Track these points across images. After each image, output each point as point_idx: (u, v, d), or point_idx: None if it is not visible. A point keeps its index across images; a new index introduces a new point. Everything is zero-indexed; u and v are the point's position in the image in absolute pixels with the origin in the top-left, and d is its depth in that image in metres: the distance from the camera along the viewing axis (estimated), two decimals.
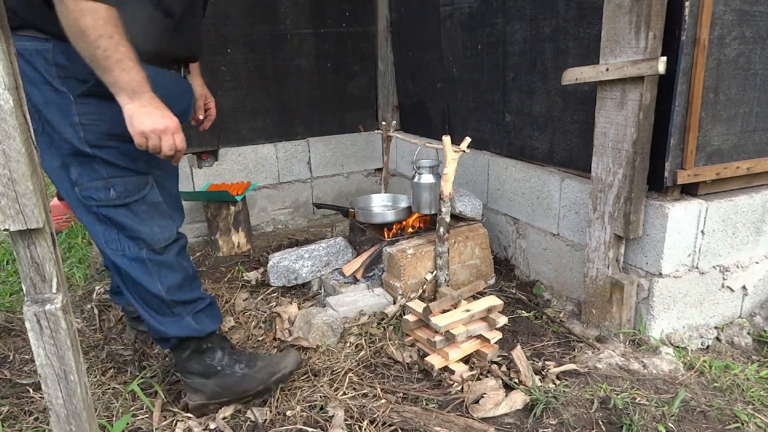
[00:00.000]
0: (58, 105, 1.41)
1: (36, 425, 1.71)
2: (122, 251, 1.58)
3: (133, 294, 1.64)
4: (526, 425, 1.68)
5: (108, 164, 1.50)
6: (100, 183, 1.50)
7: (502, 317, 2.00)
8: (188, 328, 1.66)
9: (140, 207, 1.57)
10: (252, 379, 1.74)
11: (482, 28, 2.75)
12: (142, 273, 1.60)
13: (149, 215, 1.59)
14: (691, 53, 1.83)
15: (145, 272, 1.60)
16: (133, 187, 1.55)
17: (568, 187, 2.36)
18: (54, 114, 1.42)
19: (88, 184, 1.49)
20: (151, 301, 1.63)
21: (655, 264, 2.00)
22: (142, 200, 1.57)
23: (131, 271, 1.59)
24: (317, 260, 2.60)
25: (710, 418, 1.69)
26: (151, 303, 1.63)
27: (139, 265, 1.59)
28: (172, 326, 1.65)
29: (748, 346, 2.11)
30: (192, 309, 1.68)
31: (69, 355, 1.01)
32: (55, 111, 1.42)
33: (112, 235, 1.56)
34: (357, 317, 2.29)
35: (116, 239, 1.57)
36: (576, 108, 2.27)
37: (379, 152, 3.94)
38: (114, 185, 1.51)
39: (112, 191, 1.51)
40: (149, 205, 1.59)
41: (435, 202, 2.51)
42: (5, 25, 0.86)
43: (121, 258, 1.58)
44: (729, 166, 2.01)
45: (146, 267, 1.60)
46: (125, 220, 1.55)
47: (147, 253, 1.59)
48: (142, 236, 1.57)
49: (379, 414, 1.71)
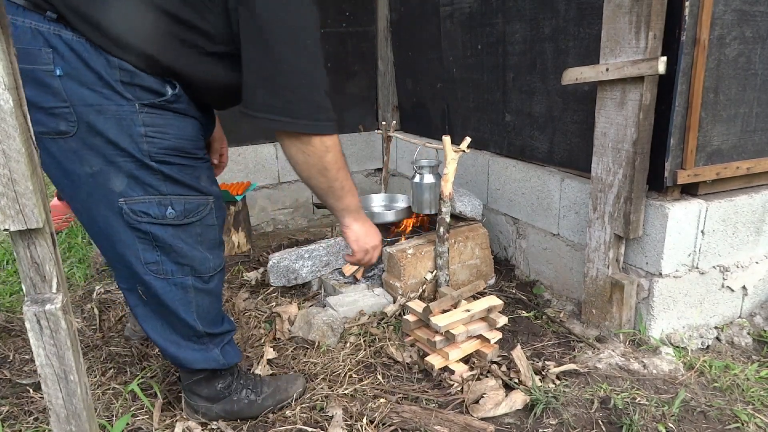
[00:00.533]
0: (116, 111, 1.30)
1: (36, 425, 1.71)
2: (165, 275, 1.45)
3: (156, 319, 1.51)
4: (526, 425, 1.68)
5: (170, 180, 1.38)
6: (157, 198, 1.37)
7: (502, 317, 2.00)
8: (215, 362, 1.59)
9: (195, 229, 1.46)
10: (258, 407, 1.71)
11: (482, 28, 2.75)
12: (181, 301, 1.48)
13: (202, 239, 1.48)
14: (691, 53, 1.83)
15: (183, 300, 1.48)
16: (193, 208, 1.44)
17: (568, 187, 2.36)
18: (106, 119, 1.29)
19: (141, 198, 1.37)
20: (180, 329, 1.53)
21: (655, 264, 2.00)
22: (199, 222, 1.46)
23: (168, 296, 1.47)
24: (317, 260, 2.60)
25: (710, 418, 1.69)
26: (180, 331, 1.53)
27: (180, 292, 1.47)
28: (197, 358, 1.57)
29: (748, 346, 2.11)
30: (220, 341, 1.60)
31: (69, 355, 1.01)
32: (110, 117, 1.29)
33: (154, 257, 1.43)
34: (357, 317, 2.29)
35: (158, 261, 1.43)
36: (576, 108, 2.27)
37: (379, 152, 3.94)
38: (173, 203, 1.40)
39: (170, 209, 1.39)
40: (204, 228, 1.48)
41: (435, 202, 2.51)
42: (5, 25, 0.86)
43: (161, 281, 1.45)
44: (729, 166, 2.01)
45: (187, 295, 1.49)
46: (177, 242, 1.43)
47: (193, 281, 1.48)
48: (191, 262, 1.46)
49: (378, 414, 1.71)
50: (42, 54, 1.24)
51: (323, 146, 1.44)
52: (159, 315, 1.52)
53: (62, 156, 1.32)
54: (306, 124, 1.39)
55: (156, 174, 1.37)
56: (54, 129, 1.29)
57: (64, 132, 1.29)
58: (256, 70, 1.33)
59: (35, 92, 1.25)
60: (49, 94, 1.26)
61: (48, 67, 1.24)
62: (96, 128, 1.29)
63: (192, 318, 1.51)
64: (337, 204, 1.59)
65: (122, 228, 1.39)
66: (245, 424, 1.71)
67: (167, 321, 1.52)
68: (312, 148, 1.43)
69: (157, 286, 1.45)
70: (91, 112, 1.28)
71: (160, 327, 1.54)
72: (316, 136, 1.41)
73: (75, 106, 1.27)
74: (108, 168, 1.33)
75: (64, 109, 1.27)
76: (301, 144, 1.42)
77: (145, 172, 1.36)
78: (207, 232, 1.50)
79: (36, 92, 1.25)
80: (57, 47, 1.24)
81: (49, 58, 1.24)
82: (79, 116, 1.28)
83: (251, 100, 1.36)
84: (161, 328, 1.54)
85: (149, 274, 1.44)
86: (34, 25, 1.24)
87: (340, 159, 1.50)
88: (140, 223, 1.39)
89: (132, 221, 1.38)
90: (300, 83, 1.36)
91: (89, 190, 1.36)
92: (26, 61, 1.23)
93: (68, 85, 1.26)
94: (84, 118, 1.28)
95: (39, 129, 1.28)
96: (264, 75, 1.33)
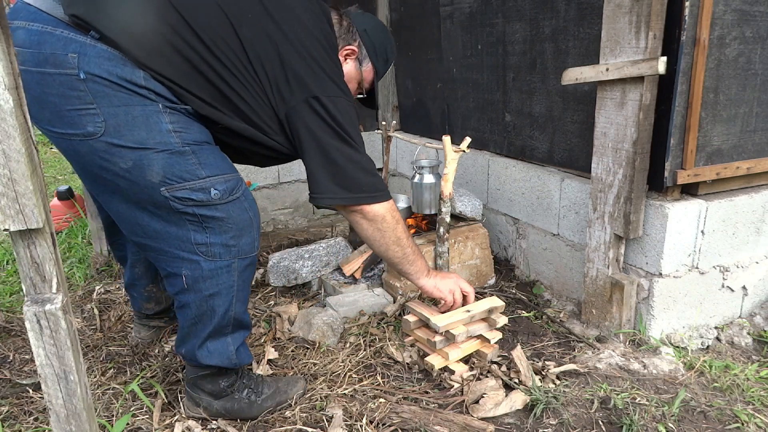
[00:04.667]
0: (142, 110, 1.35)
1: (36, 425, 1.71)
2: (213, 257, 1.48)
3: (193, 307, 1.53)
4: (526, 425, 1.68)
5: (205, 163, 1.44)
6: (198, 183, 1.42)
7: (502, 317, 1.99)
8: (227, 360, 1.61)
9: (243, 204, 1.51)
10: (258, 408, 1.73)
11: (482, 28, 2.75)
12: (227, 284, 1.52)
13: (253, 214, 1.54)
14: (691, 53, 1.83)
15: (229, 283, 1.52)
16: (233, 185, 1.49)
17: (568, 187, 2.36)
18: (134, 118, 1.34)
19: (182, 185, 1.40)
20: (212, 318, 1.54)
21: (655, 264, 2.00)
22: (244, 197, 1.52)
23: (216, 279, 1.50)
24: (317, 260, 2.60)
25: (710, 418, 1.69)
26: (211, 320, 1.55)
27: (226, 274, 1.51)
28: (213, 352, 1.59)
29: (748, 346, 2.11)
30: (239, 338, 1.63)
31: (69, 355, 1.01)
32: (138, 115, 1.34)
33: (204, 238, 1.46)
34: (357, 317, 2.29)
35: (207, 242, 1.47)
36: (576, 108, 2.27)
37: (379, 152, 3.94)
38: (214, 184, 1.44)
39: (213, 191, 1.44)
40: (250, 202, 1.54)
41: (435, 202, 2.51)
42: (5, 25, 0.86)
43: (209, 263, 1.48)
44: (729, 166, 2.01)
45: (231, 277, 1.52)
46: (227, 223, 1.47)
47: (239, 262, 1.52)
48: (238, 243, 1.50)
49: (378, 414, 1.71)
50: (68, 59, 1.29)
51: (393, 219, 1.69)
52: (197, 303, 1.53)
53: (94, 156, 1.36)
54: (366, 197, 1.62)
55: (189, 158, 1.41)
56: (82, 131, 1.33)
57: (92, 133, 1.33)
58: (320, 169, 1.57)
59: (61, 96, 1.30)
60: (75, 97, 1.30)
61: (73, 70, 1.29)
62: (125, 126, 1.34)
63: (230, 302, 1.54)
64: (409, 268, 1.84)
65: (171, 214, 1.43)
66: (245, 423, 1.71)
67: (202, 310, 1.54)
68: (382, 224, 1.67)
69: (204, 267, 1.49)
70: (118, 112, 1.33)
71: (192, 316, 1.55)
72: (376, 204, 1.64)
73: (102, 107, 1.32)
74: (141, 162, 1.36)
75: (91, 110, 1.31)
76: (374, 222, 1.66)
77: (179, 160, 1.40)
78: (253, 206, 1.56)
79: (62, 96, 1.29)
80: (87, 53, 1.29)
81: (74, 62, 1.29)
82: (106, 117, 1.32)
83: (319, 189, 1.59)
84: (193, 318, 1.55)
85: (198, 255, 1.48)
86: (71, 35, 1.30)
87: (405, 225, 1.76)
88: (187, 206, 1.43)
89: (179, 207, 1.42)
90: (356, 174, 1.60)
91: (127, 185, 1.39)
92: (52, 66, 1.28)
93: (94, 88, 1.30)
94: (111, 119, 1.33)
95: (67, 131, 1.33)
96: (328, 172, 1.57)
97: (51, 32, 1.30)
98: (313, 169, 1.57)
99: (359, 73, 1.78)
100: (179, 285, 1.53)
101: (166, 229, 1.46)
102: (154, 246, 1.50)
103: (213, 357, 1.60)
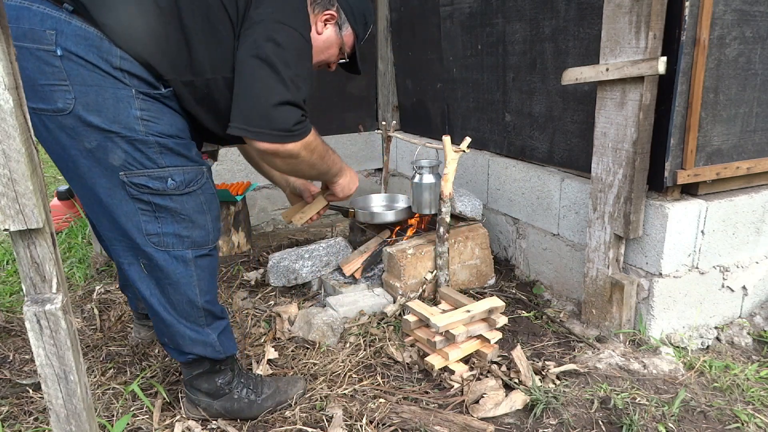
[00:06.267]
0: (114, 93, 1.36)
1: (36, 425, 1.71)
2: (165, 247, 1.48)
3: (162, 296, 1.54)
4: (526, 425, 1.68)
5: (167, 152, 1.44)
6: (156, 171, 1.43)
7: (502, 317, 1.99)
8: (211, 348, 1.61)
9: (199, 198, 1.52)
10: (258, 408, 1.73)
11: (482, 28, 2.75)
12: (184, 274, 1.52)
13: (209, 207, 1.54)
14: (691, 53, 1.83)
15: (186, 273, 1.52)
16: (192, 177, 1.49)
17: (568, 187, 2.36)
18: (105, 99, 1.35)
19: (141, 171, 1.41)
20: (182, 307, 1.55)
21: (655, 264, 2.00)
22: (200, 190, 1.52)
23: (172, 270, 1.50)
24: (317, 260, 2.60)
25: (710, 418, 1.69)
26: (182, 309, 1.55)
27: (181, 266, 1.51)
28: (192, 337, 1.58)
29: (748, 346, 2.11)
30: (218, 327, 1.62)
31: (69, 355, 1.01)
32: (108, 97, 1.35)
33: (155, 228, 1.47)
34: (357, 317, 2.29)
35: (159, 233, 1.47)
36: (576, 108, 2.27)
37: (379, 152, 3.94)
38: (173, 174, 1.45)
39: (170, 181, 1.45)
40: (207, 196, 1.54)
41: (435, 202, 2.51)
42: (5, 25, 0.86)
43: (162, 254, 1.49)
44: (729, 166, 2.01)
45: (188, 268, 1.52)
46: (181, 213, 1.48)
47: (193, 252, 1.52)
48: (191, 234, 1.51)
49: (378, 414, 1.71)
50: (46, 35, 1.30)
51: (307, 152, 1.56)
52: (161, 289, 1.54)
53: (60, 132, 1.37)
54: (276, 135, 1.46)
55: (152, 147, 1.42)
56: (52, 107, 1.34)
57: (62, 109, 1.34)
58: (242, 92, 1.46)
59: (36, 71, 1.31)
60: (49, 72, 1.31)
61: (50, 47, 1.30)
62: (94, 106, 1.35)
63: (193, 292, 1.54)
64: (328, 177, 1.84)
65: (125, 200, 1.44)
66: (245, 423, 1.71)
67: (171, 300, 1.54)
68: (298, 161, 1.55)
69: (158, 258, 1.49)
70: (90, 91, 1.34)
71: (166, 307, 1.55)
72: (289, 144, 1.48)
73: (74, 84, 1.33)
74: (105, 143, 1.38)
75: (63, 86, 1.33)
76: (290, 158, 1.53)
77: (141, 147, 1.41)
78: (211, 200, 1.56)
79: (37, 71, 1.31)
80: (63, 30, 1.31)
81: (52, 38, 1.30)
82: (77, 94, 1.34)
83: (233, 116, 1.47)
84: (166, 308, 1.55)
85: (150, 246, 1.48)
86: (47, 10, 1.31)
87: (323, 147, 1.65)
88: (142, 194, 1.44)
89: (134, 193, 1.43)
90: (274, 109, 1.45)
91: (89, 164, 1.40)
92: (30, 41, 1.30)
93: (68, 66, 1.32)
94: (82, 97, 1.34)
95: (38, 106, 1.34)
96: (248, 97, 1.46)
97: (28, 7, 1.30)
98: (237, 92, 1.46)
99: (339, 38, 1.76)
100: (136, 274, 1.53)
101: (118, 218, 1.46)
102: (108, 236, 1.52)
103: (196, 346, 1.59)
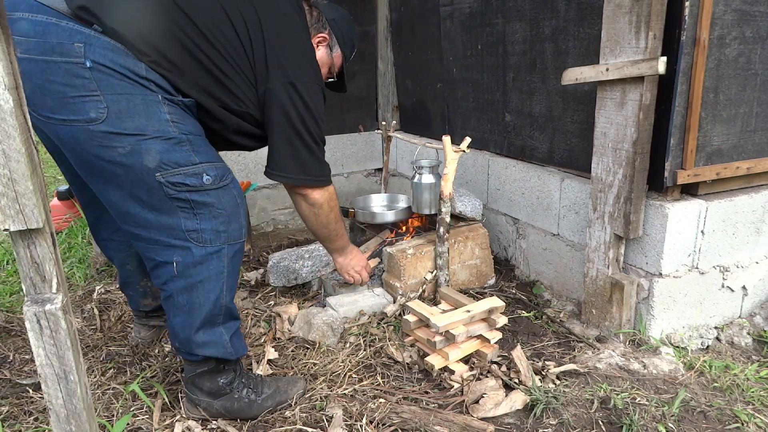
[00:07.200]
0: (143, 99, 1.42)
1: (36, 425, 1.71)
2: (203, 243, 1.53)
3: (183, 295, 1.56)
4: (526, 425, 1.68)
5: (199, 150, 1.51)
6: (191, 169, 1.48)
7: (502, 317, 1.99)
8: (223, 348, 1.63)
9: (232, 191, 1.58)
10: (259, 408, 1.73)
11: (482, 28, 2.75)
12: (216, 270, 1.56)
13: (240, 201, 1.61)
14: (691, 53, 1.83)
15: (218, 269, 1.57)
16: (223, 172, 1.56)
17: (568, 187, 2.36)
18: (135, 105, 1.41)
19: (177, 170, 1.47)
20: (203, 309, 1.57)
21: (655, 264, 2.00)
22: (232, 184, 1.59)
23: (206, 266, 1.54)
24: (317, 260, 2.60)
25: (710, 418, 1.69)
26: (202, 313, 1.57)
27: (215, 260, 1.56)
28: (207, 341, 1.60)
29: (748, 346, 2.11)
30: (231, 327, 1.65)
31: (69, 355, 1.01)
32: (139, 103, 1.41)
33: (195, 225, 1.52)
34: (357, 317, 2.29)
35: (198, 229, 1.52)
36: (576, 108, 2.27)
37: (379, 152, 3.94)
38: (206, 170, 1.51)
39: (206, 176, 1.50)
40: (238, 190, 1.61)
41: (435, 202, 2.51)
42: (5, 25, 0.86)
43: (200, 249, 1.53)
44: (729, 166, 2.01)
45: (221, 263, 1.57)
46: (216, 208, 1.53)
47: (229, 248, 1.57)
48: (228, 228, 1.56)
49: (378, 414, 1.71)
50: (74, 48, 1.35)
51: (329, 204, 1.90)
52: (186, 291, 1.56)
53: (93, 142, 1.41)
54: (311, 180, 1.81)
55: (184, 145, 1.48)
56: (84, 117, 1.38)
57: (94, 119, 1.38)
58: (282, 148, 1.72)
59: (65, 84, 1.35)
60: (80, 84, 1.36)
61: (79, 59, 1.35)
62: (126, 113, 1.41)
63: (220, 289, 1.58)
64: (330, 245, 2.16)
65: (163, 200, 1.48)
66: (245, 423, 1.71)
67: (192, 299, 1.56)
68: (319, 210, 1.90)
69: (196, 254, 1.53)
70: (121, 99, 1.40)
71: (183, 304, 1.57)
72: (318, 190, 1.84)
73: (105, 94, 1.38)
74: (140, 147, 1.42)
75: (95, 97, 1.37)
76: (313, 207, 1.89)
77: (175, 146, 1.46)
78: (241, 195, 1.63)
79: (66, 84, 1.35)
80: (92, 43, 1.36)
81: (81, 51, 1.35)
82: (109, 103, 1.39)
83: (275, 165, 1.76)
84: (183, 307, 1.57)
85: (189, 242, 1.52)
86: (76, 27, 1.36)
87: (338, 208, 1.98)
88: (180, 192, 1.48)
89: (172, 192, 1.48)
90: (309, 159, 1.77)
91: (124, 170, 1.44)
92: (59, 54, 1.35)
93: (98, 76, 1.37)
94: (114, 105, 1.39)
95: (69, 117, 1.38)
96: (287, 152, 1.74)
97: (56, 24, 1.35)
98: (277, 146, 1.72)
99: (330, 59, 1.94)
100: (168, 273, 1.55)
101: (158, 218, 1.50)
102: (145, 236, 1.53)
103: (208, 347, 1.61)
